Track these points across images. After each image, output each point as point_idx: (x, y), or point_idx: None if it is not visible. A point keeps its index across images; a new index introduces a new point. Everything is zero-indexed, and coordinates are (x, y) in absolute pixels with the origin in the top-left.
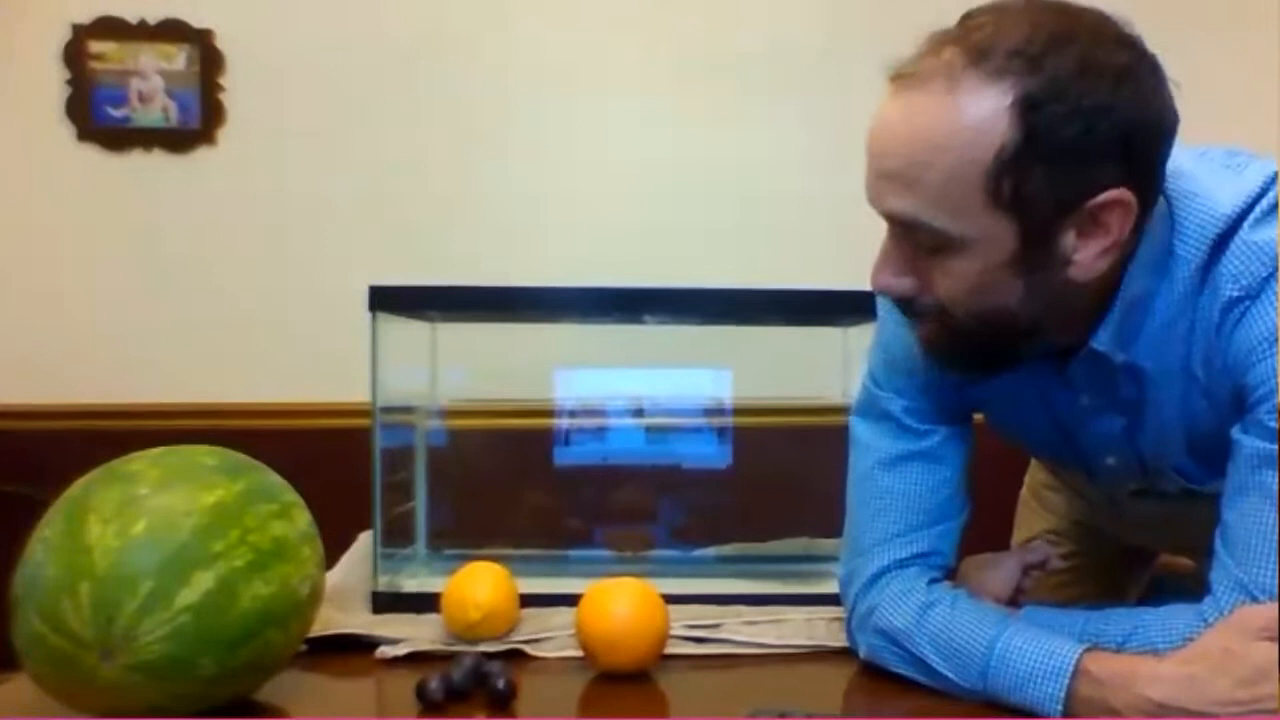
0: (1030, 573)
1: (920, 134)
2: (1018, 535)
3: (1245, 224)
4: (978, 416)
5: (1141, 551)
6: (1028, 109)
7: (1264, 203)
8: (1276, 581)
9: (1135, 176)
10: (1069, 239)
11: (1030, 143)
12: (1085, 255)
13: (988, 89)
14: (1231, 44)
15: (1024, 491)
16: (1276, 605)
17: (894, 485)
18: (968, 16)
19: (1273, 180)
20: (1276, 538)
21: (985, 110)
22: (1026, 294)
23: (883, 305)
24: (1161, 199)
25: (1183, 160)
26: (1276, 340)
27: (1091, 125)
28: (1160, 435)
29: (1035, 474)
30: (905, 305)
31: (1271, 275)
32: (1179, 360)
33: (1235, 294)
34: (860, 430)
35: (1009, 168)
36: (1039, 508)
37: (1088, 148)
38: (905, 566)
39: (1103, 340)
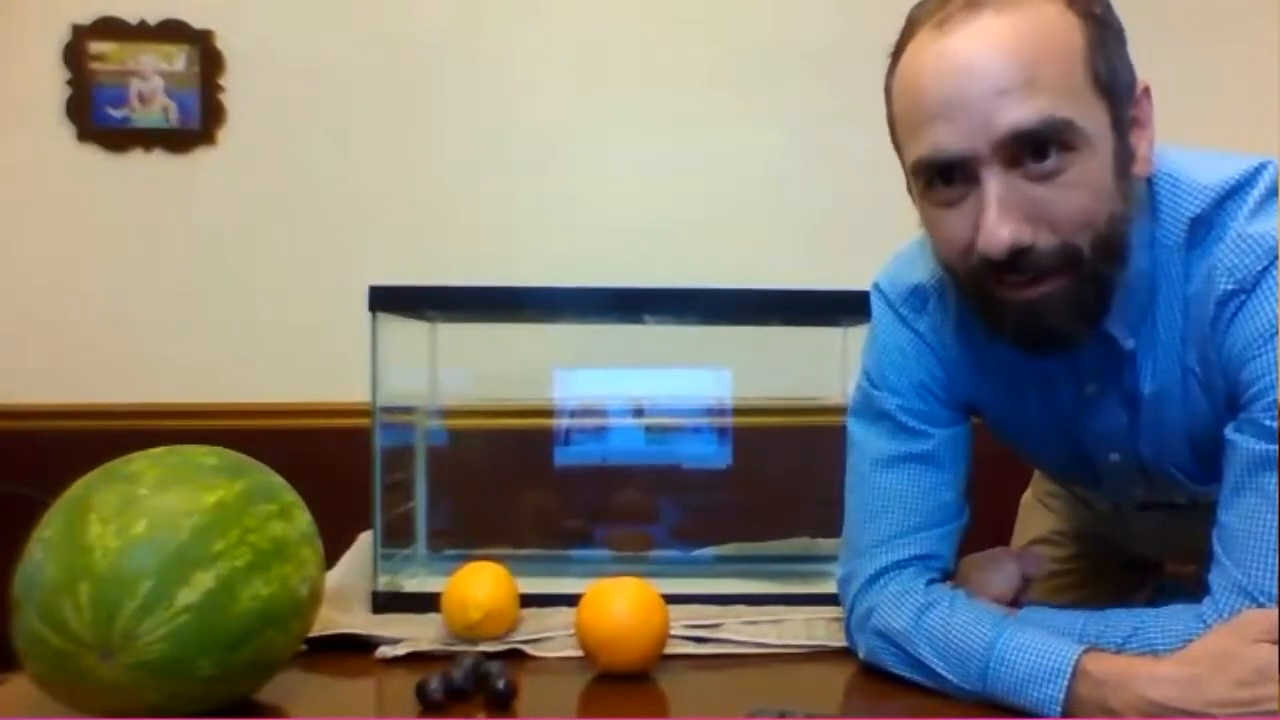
0: (1028, 583)
1: (1025, 35)
2: (1019, 536)
3: (1241, 214)
4: (976, 421)
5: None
6: (1081, 5)
7: (1257, 192)
8: (1276, 584)
9: None
10: (1134, 133)
11: (1100, 29)
12: (1142, 148)
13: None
14: (1232, 44)
15: (1027, 495)
16: (1278, 610)
17: (891, 486)
18: None
19: (1260, 169)
20: (1275, 539)
21: (1053, 9)
22: (1123, 197)
23: (878, 304)
24: (1144, 183)
25: (1169, 150)
26: (1275, 337)
27: (1114, 16)
28: (1160, 430)
29: (1039, 483)
30: (1023, 262)
31: (1267, 268)
32: (1176, 352)
33: (1231, 287)
34: (857, 431)
35: (1096, 50)
36: (1043, 510)
37: (1124, 37)
38: (903, 568)
39: (1113, 322)
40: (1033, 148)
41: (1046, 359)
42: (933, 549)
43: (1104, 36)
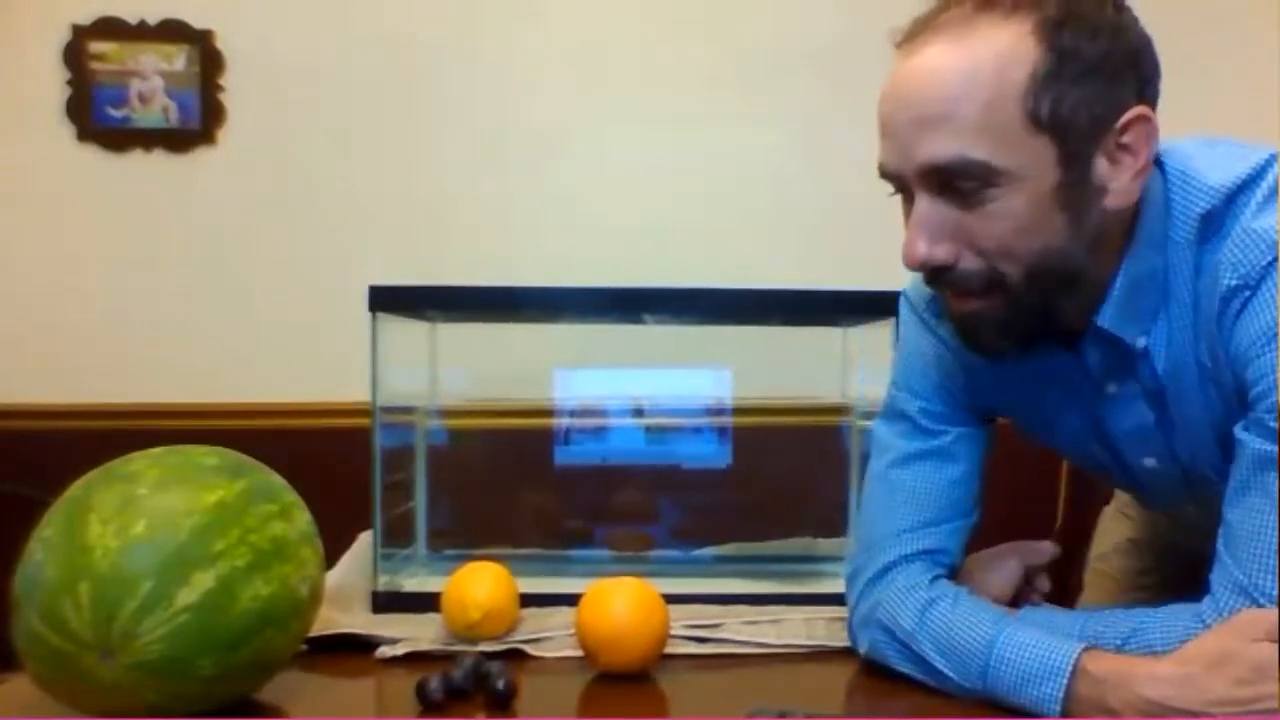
0: (1039, 574)
1: (951, 71)
2: (1098, 543)
3: (1247, 210)
4: (1004, 422)
5: None
6: (1050, 31)
7: (1263, 188)
8: (1276, 584)
9: (1148, 97)
10: (1102, 166)
11: (1060, 62)
12: (1119, 182)
13: (1005, 24)
14: (1232, 44)
15: (1110, 506)
16: (1278, 611)
17: (904, 482)
18: None
19: (1266, 165)
20: (1276, 540)
21: (1010, 38)
22: (1071, 231)
23: (904, 309)
24: (1158, 176)
25: (1184, 143)
26: (1276, 335)
27: (1110, 45)
28: (1189, 429)
29: (1120, 494)
30: (943, 279)
31: (1271, 263)
32: (1189, 347)
33: (1235, 283)
34: (880, 431)
35: (1045, 86)
36: (1121, 519)
37: (1110, 67)
38: (911, 561)
39: (1107, 318)
40: (951, 178)
41: (1056, 361)
42: (940, 544)
43: (1063, 70)
